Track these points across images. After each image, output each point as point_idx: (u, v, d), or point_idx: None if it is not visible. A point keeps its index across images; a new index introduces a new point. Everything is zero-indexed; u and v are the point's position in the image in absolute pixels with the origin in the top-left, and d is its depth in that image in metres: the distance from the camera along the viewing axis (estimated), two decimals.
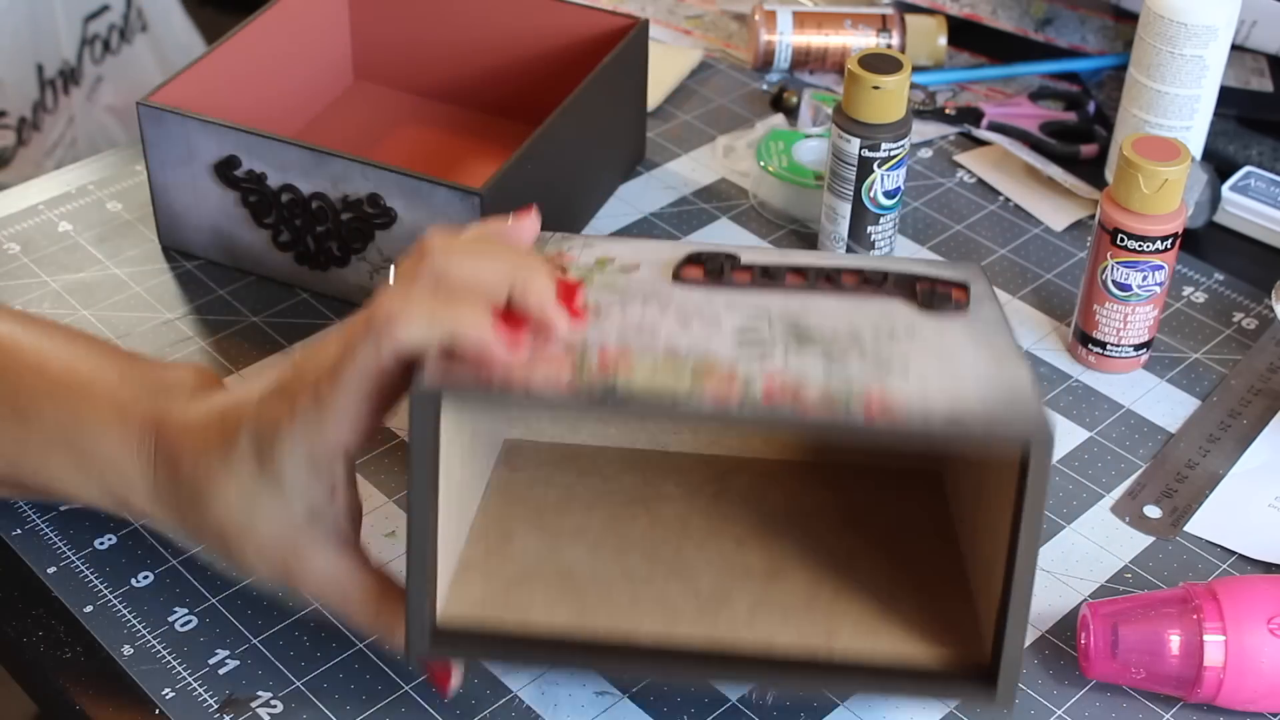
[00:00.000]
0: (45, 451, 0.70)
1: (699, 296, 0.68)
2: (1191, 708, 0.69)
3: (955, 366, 0.63)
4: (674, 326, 0.65)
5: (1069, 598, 0.74)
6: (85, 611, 0.72)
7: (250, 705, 0.68)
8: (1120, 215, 0.83)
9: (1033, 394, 0.61)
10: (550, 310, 0.62)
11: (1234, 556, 0.77)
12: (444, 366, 0.60)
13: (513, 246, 0.66)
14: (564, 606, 0.65)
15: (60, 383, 0.70)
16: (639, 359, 0.62)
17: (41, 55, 1.79)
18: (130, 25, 1.92)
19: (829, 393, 0.60)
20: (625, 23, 0.99)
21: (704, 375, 0.61)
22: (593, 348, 0.62)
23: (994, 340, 0.66)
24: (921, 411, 0.59)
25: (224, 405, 0.67)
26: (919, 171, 1.04)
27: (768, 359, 0.62)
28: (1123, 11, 1.14)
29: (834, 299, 0.69)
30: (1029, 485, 0.59)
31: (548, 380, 0.59)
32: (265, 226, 0.90)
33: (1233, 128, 1.05)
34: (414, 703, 0.69)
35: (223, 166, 0.89)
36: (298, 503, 0.64)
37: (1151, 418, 0.85)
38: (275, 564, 0.66)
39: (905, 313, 0.68)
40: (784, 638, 0.64)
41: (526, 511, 0.72)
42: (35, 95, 1.78)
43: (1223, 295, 0.94)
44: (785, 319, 0.67)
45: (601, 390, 0.59)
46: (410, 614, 0.62)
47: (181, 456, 0.67)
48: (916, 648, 0.64)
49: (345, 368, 0.61)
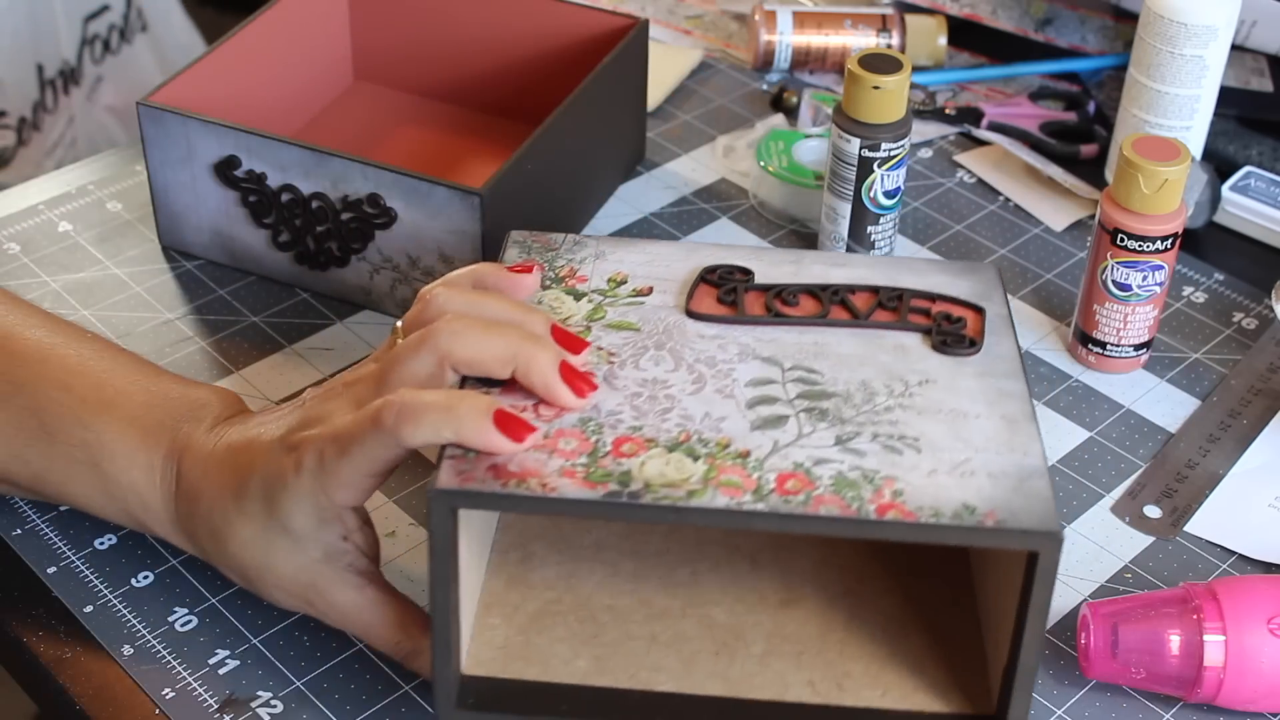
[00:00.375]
0: (69, 470, 0.71)
1: (712, 341, 0.68)
2: (1191, 708, 0.69)
3: (967, 439, 0.63)
4: (687, 388, 0.65)
5: (1069, 598, 0.74)
6: (85, 611, 0.72)
7: (250, 705, 0.68)
8: (1120, 215, 0.83)
9: (1043, 486, 0.61)
10: (555, 391, 0.64)
11: (1234, 556, 0.77)
12: (459, 466, 0.61)
13: (514, 309, 0.67)
14: (584, 654, 0.67)
15: (87, 402, 0.70)
16: (651, 447, 0.62)
17: (41, 55, 1.78)
18: (130, 25, 1.92)
19: (841, 491, 0.60)
20: (625, 23, 0.99)
21: (718, 469, 0.61)
22: (606, 432, 0.63)
23: (1006, 392, 0.66)
24: (933, 512, 0.60)
25: (240, 443, 0.68)
26: (919, 171, 1.04)
27: (780, 446, 0.63)
28: (1123, 11, 1.14)
29: (848, 335, 0.69)
30: (1036, 580, 0.60)
31: (560, 471, 0.61)
32: (265, 226, 0.90)
33: (1233, 128, 1.05)
34: (414, 703, 0.69)
35: (223, 166, 0.89)
36: (312, 547, 0.66)
37: (1151, 418, 0.85)
38: (297, 598, 0.67)
39: (918, 354, 0.68)
40: (796, 682, 0.66)
41: (544, 526, 0.73)
42: (35, 95, 1.78)
43: (1223, 295, 0.94)
44: (798, 370, 0.67)
45: (616, 481, 0.60)
46: (437, 681, 0.64)
47: (201, 493, 0.68)
48: (924, 697, 0.65)
49: (353, 450, 0.63)
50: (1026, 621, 0.61)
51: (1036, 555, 0.59)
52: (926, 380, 0.67)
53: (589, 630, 0.68)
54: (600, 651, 0.67)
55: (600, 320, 0.69)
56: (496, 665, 0.66)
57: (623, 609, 0.69)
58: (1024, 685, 0.62)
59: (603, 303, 0.70)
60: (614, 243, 0.75)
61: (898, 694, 0.65)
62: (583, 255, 0.73)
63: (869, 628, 0.68)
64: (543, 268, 0.72)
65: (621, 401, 0.64)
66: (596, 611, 0.69)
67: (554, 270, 0.72)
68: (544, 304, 0.70)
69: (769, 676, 0.66)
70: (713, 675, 0.66)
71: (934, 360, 0.68)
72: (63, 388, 0.70)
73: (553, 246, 0.74)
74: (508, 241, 0.74)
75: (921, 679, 0.66)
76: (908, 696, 0.65)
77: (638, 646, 0.67)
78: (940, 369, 0.67)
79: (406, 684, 0.69)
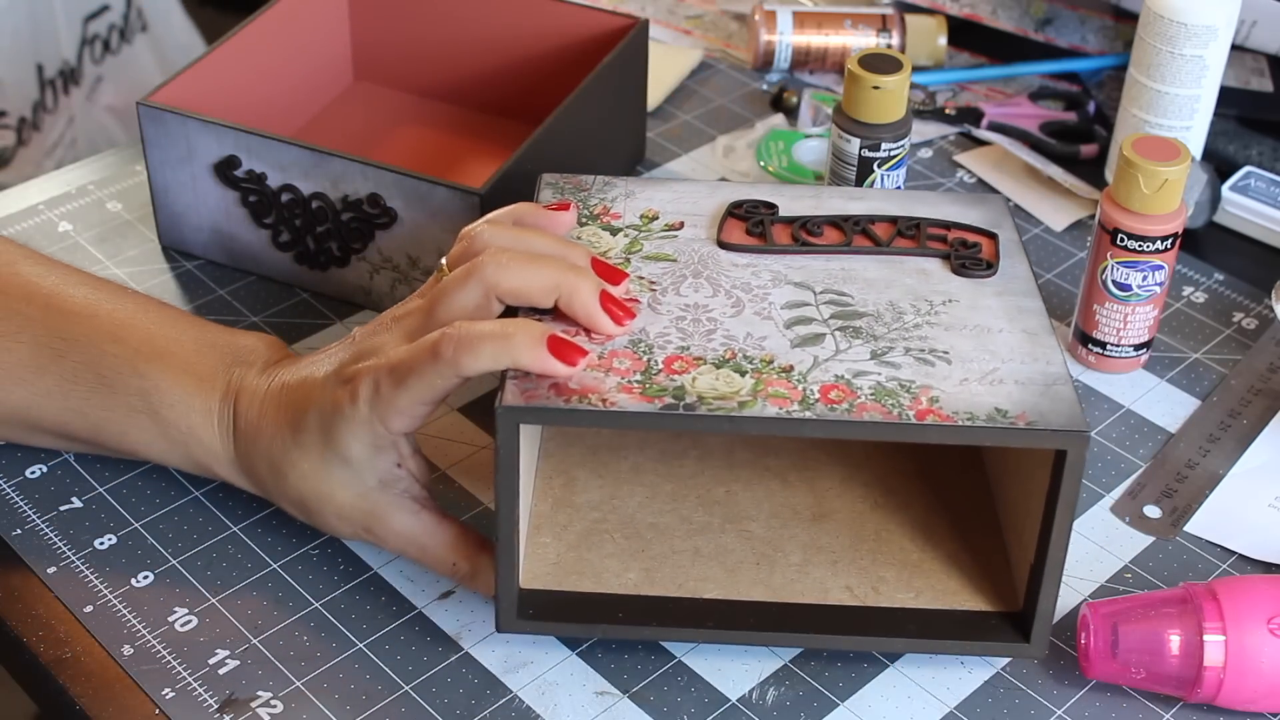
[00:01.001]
0: (128, 420, 0.73)
1: (745, 268, 0.73)
2: (1191, 708, 0.69)
3: (993, 350, 0.68)
4: (727, 312, 0.70)
5: (1069, 598, 0.74)
6: (85, 611, 0.72)
7: (250, 705, 0.68)
8: (1120, 215, 0.83)
9: (1068, 390, 0.65)
10: (596, 319, 0.67)
11: (1234, 556, 0.77)
12: (522, 384, 0.65)
13: (555, 243, 0.70)
14: (634, 567, 0.71)
15: (141, 353, 0.73)
16: (700, 365, 0.66)
17: (41, 55, 1.79)
18: (130, 25, 1.92)
19: (882, 399, 0.64)
20: (625, 23, 0.99)
21: (765, 383, 0.65)
22: (656, 352, 0.67)
23: (1025, 309, 0.71)
24: (968, 415, 0.64)
25: (294, 381, 0.71)
26: (919, 171, 1.04)
27: (820, 359, 0.67)
28: (1123, 11, 1.14)
29: (872, 261, 0.74)
30: (1065, 476, 0.64)
31: (619, 388, 0.64)
32: (265, 226, 0.90)
33: (1233, 128, 1.05)
34: (414, 703, 0.69)
35: (223, 166, 0.89)
36: (368, 475, 0.69)
37: (1151, 418, 0.85)
38: (356, 525, 0.71)
39: (939, 277, 0.73)
40: (835, 587, 0.71)
41: (583, 454, 0.77)
42: (35, 95, 1.78)
43: (1223, 295, 0.94)
44: (829, 294, 0.71)
45: (671, 395, 0.64)
46: (501, 593, 0.68)
47: (259, 431, 0.71)
48: (955, 598, 0.71)
49: (410, 380, 0.65)
50: (1055, 518, 0.65)
51: (1065, 454, 0.64)
52: (950, 300, 0.71)
53: (636, 545, 0.73)
54: (648, 564, 0.72)
55: (638, 252, 0.73)
56: (552, 579, 0.70)
57: (665, 526, 0.74)
58: (1052, 578, 0.67)
59: (638, 237, 0.74)
60: (641, 183, 0.78)
61: (930, 595, 0.71)
62: (614, 194, 0.77)
63: (897, 537, 0.74)
64: (578, 206, 0.75)
65: (668, 325, 0.68)
66: (641, 529, 0.73)
67: (588, 209, 0.76)
68: (582, 239, 0.74)
69: (809, 583, 0.71)
70: (756, 583, 0.71)
71: (955, 282, 0.73)
72: (115, 340, 0.73)
73: (584, 187, 0.78)
74: (541, 183, 0.78)
75: (951, 582, 0.71)
76: (940, 598, 0.71)
77: (683, 559, 0.72)
78: (961, 290, 0.72)
79: (406, 684, 0.69)
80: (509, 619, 0.68)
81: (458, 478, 0.79)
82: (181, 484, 0.79)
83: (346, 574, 0.74)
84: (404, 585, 0.74)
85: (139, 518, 0.77)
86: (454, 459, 0.80)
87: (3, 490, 0.78)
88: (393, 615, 0.72)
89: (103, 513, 0.77)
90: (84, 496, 0.78)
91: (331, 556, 0.75)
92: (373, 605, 0.73)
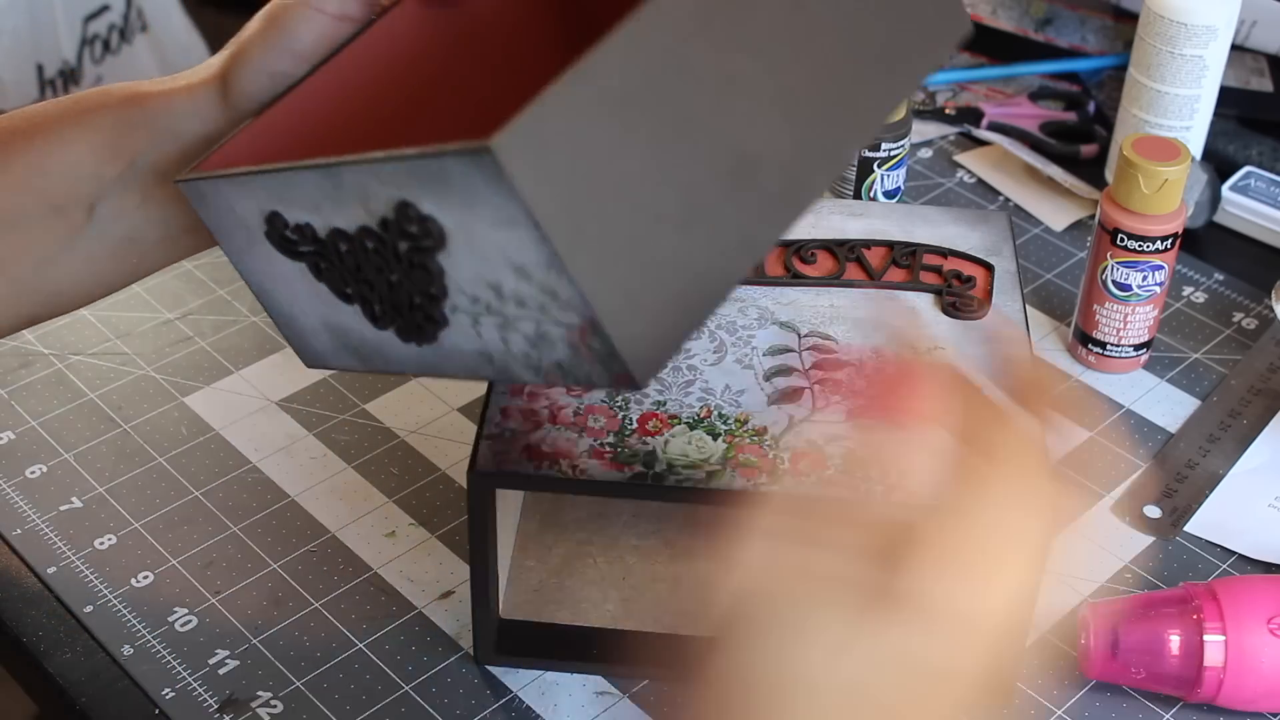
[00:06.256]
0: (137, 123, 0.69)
1: (733, 303, 0.73)
2: (1191, 708, 0.69)
3: None
4: (709, 359, 0.70)
5: (1069, 598, 0.74)
6: (85, 611, 0.72)
7: (250, 705, 0.68)
8: (1120, 215, 0.83)
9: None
10: None
11: (1234, 556, 0.77)
12: (495, 447, 0.65)
13: None
14: (612, 597, 0.72)
15: (134, 94, 0.69)
16: (674, 425, 0.67)
17: (41, 55, 1.79)
18: (130, 25, 1.92)
19: (851, 470, 0.64)
20: None
21: (736, 448, 0.66)
22: (633, 408, 0.67)
23: (1010, 358, 0.69)
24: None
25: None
26: (919, 171, 1.04)
27: (796, 419, 0.67)
28: (1123, 11, 1.14)
29: (862, 298, 0.74)
30: None
31: (590, 452, 0.65)
32: (348, 299, 0.62)
33: (1233, 128, 1.05)
34: (414, 703, 0.69)
35: (272, 233, 0.62)
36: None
37: (1151, 418, 0.85)
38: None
39: (929, 317, 0.73)
40: None
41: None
42: (35, 95, 1.78)
43: (1223, 295, 0.94)
44: (814, 338, 0.71)
45: (641, 462, 0.65)
46: (478, 627, 0.69)
47: (242, 53, 0.68)
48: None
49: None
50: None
51: None
52: (935, 348, 0.71)
53: (617, 572, 0.73)
54: (628, 594, 0.72)
55: None
56: (531, 609, 0.71)
57: (649, 550, 0.74)
58: None
59: None
60: None
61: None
62: None
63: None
64: None
65: None
66: (624, 552, 0.74)
67: None
68: None
69: None
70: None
71: (944, 324, 0.73)
72: (105, 98, 0.69)
73: None
74: None
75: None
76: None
77: (662, 590, 0.72)
78: (949, 333, 0.72)
79: (406, 684, 0.69)
80: (487, 652, 0.70)
81: (457, 478, 0.79)
82: (182, 484, 0.79)
83: (346, 574, 0.74)
84: (404, 585, 0.74)
85: (139, 518, 0.77)
86: (454, 459, 0.80)
87: (3, 490, 0.78)
88: (393, 615, 0.73)
89: (103, 513, 0.77)
90: (84, 496, 0.78)
91: (331, 556, 0.75)
92: (373, 605, 0.73)
